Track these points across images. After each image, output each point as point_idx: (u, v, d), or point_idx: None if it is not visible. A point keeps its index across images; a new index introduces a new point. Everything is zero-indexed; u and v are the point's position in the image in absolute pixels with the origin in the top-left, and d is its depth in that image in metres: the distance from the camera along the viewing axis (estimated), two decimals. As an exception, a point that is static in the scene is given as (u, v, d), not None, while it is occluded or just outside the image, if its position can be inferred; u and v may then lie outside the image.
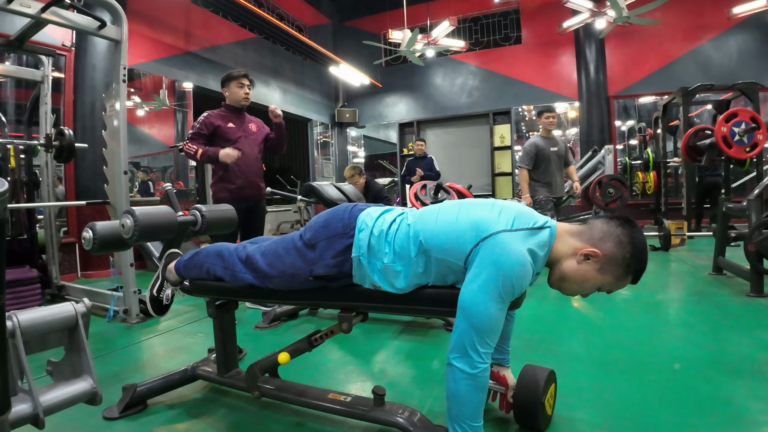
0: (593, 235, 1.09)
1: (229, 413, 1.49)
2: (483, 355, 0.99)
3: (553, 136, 3.93)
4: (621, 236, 1.06)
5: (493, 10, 8.18)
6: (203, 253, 1.44)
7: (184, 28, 5.89)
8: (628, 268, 1.06)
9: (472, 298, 0.99)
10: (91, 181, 4.21)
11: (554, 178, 3.89)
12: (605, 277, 1.08)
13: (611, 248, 1.06)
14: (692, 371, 1.68)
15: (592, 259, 1.07)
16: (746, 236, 2.72)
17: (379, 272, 1.13)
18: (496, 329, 1.01)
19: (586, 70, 7.26)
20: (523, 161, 3.87)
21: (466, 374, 0.98)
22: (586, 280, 1.09)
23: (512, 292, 1.00)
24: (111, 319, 2.65)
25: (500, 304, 0.99)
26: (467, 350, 0.99)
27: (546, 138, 3.89)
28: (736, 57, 6.83)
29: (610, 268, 1.07)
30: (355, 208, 1.24)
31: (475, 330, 0.98)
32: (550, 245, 1.08)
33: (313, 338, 1.30)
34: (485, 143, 8.28)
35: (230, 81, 2.85)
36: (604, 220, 1.11)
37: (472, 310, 0.99)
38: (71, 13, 2.50)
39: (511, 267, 0.99)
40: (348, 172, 4.80)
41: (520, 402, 1.28)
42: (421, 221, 1.13)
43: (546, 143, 3.85)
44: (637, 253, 1.05)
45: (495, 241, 1.01)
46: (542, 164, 3.84)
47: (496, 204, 1.13)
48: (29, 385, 0.97)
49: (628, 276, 1.08)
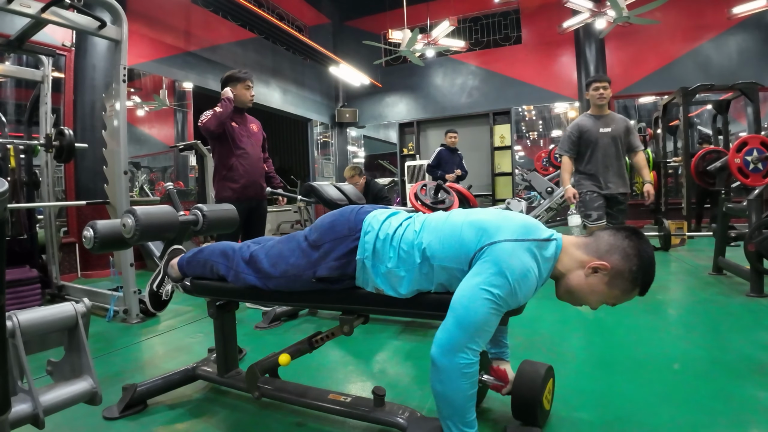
0: (600, 248, 1.08)
1: (230, 413, 1.49)
2: (469, 354, 0.96)
3: (607, 113, 3.08)
4: (628, 249, 1.05)
5: (493, 10, 8.18)
6: (207, 251, 1.43)
7: (184, 28, 5.89)
8: (635, 281, 1.06)
9: (465, 294, 0.98)
10: (91, 181, 4.21)
11: (602, 168, 3.03)
12: (613, 291, 1.07)
13: (618, 261, 1.05)
14: (692, 371, 1.68)
15: (601, 272, 1.06)
16: (746, 236, 2.72)
17: (382, 276, 1.12)
18: (485, 331, 0.98)
19: (586, 70, 7.25)
20: (562, 146, 3.16)
21: (446, 373, 0.96)
22: (594, 293, 1.08)
23: (510, 299, 0.98)
24: (111, 319, 2.65)
25: (494, 308, 0.97)
26: (452, 348, 0.96)
27: (596, 116, 3.07)
28: (736, 57, 6.83)
29: (617, 281, 1.06)
30: (361, 211, 1.23)
31: (462, 328, 0.96)
32: (556, 258, 1.08)
33: (314, 339, 1.30)
34: (485, 143, 8.28)
35: (236, 82, 2.85)
36: (610, 232, 1.10)
37: (463, 306, 0.97)
38: (71, 13, 2.49)
39: (513, 273, 0.97)
40: (348, 172, 4.80)
41: (518, 398, 1.27)
42: (427, 229, 1.12)
43: (594, 123, 3.04)
44: (644, 265, 1.05)
45: (499, 247, 1.00)
46: (587, 150, 3.06)
47: (502, 213, 1.12)
48: (29, 385, 0.97)
49: (635, 289, 1.07)
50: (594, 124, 3.04)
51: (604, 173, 3.02)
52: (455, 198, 3.99)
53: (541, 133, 8.04)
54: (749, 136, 2.95)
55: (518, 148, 8.14)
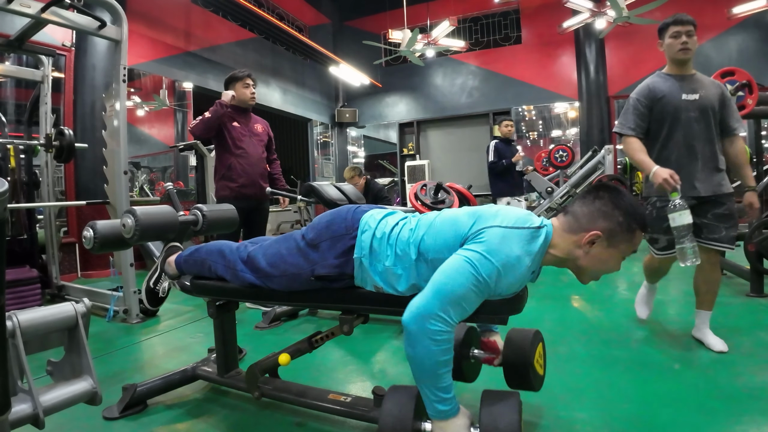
0: (581, 221, 1.07)
1: (230, 413, 1.49)
2: (440, 321, 0.94)
3: (692, 73, 2.01)
4: (604, 208, 1.06)
5: (493, 10, 8.18)
6: (205, 250, 1.43)
7: (184, 28, 5.89)
8: (630, 228, 1.05)
9: (449, 264, 0.98)
10: (91, 181, 4.22)
11: (686, 156, 1.95)
12: (619, 247, 1.07)
13: (604, 223, 1.05)
14: (692, 371, 1.68)
15: (597, 242, 1.06)
16: (746, 236, 2.72)
17: (380, 274, 1.13)
18: (460, 306, 0.96)
19: (586, 70, 7.26)
20: (624, 122, 2.06)
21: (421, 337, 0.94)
22: (605, 261, 1.08)
23: (492, 283, 0.97)
24: (111, 319, 2.65)
25: (475, 284, 0.96)
26: (424, 315, 0.94)
27: (675, 77, 2.00)
28: (736, 57, 6.83)
29: (616, 239, 1.06)
30: (358, 210, 1.24)
31: (438, 296, 0.95)
32: (547, 243, 1.08)
33: (314, 339, 1.30)
34: (485, 143, 8.27)
35: (235, 82, 2.85)
36: (580, 203, 1.09)
37: (444, 274, 0.97)
38: (71, 13, 2.50)
39: (500, 256, 0.97)
40: (348, 173, 4.80)
41: (509, 366, 1.26)
42: (423, 226, 1.13)
43: (674, 85, 1.97)
44: (627, 212, 1.05)
45: (492, 231, 1.01)
46: (663, 127, 1.99)
47: (497, 207, 1.13)
48: (29, 385, 0.97)
49: (636, 232, 1.07)
50: (674, 87, 1.96)
51: (690, 164, 1.94)
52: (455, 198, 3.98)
53: (541, 133, 8.05)
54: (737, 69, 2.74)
55: (519, 148, 8.13)
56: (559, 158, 5.48)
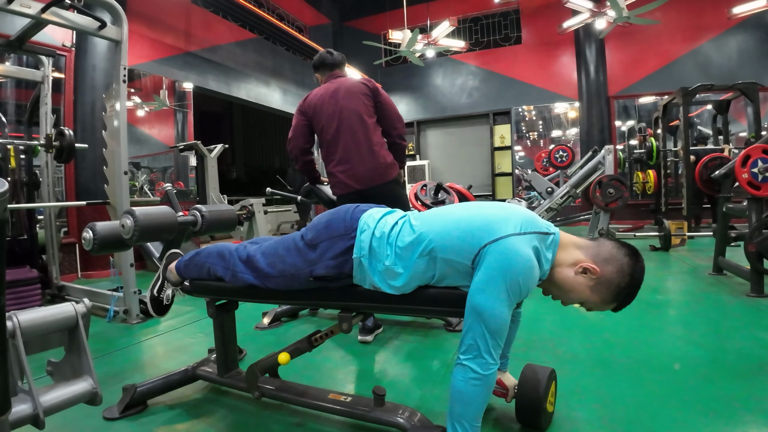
0: (599, 254, 1.10)
1: (230, 413, 1.49)
2: (495, 356, 1.01)
3: None
4: (625, 266, 1.08)
5: (493, 10, 8.18)
6: (204, 253, 1.44)
7: (184, 28, 5.89)
8: (617, 297, 1.09)
9: (487, 303, 1.01)
10: (91, 181, 4.21)
11: None
12: (593, 296, 1.10)
13: (611, 272, 1.08)
14: (692, 371, 1.68)
15: (589, 275, 1.08)
16: (746, 236, 2.72)
17: (379, 274, 1.13)
18: (505, 330, 1.03)
19: (586, 70, 7.26)
20: None
21: (478, 375, 1.00)
22: (573, 291, 1.11)
23: (519, 294, 1.02)
24: (111, 319, 2.65)
25: (510, 307, 1.02)
26: (481, 352, 1.00)
27: None
28: (736, 57, 6.84)
29: (602, 289, 1.09)
30: (357, 209, 1.24)
31: (490, 333, 1.00)
32: (554, 251, 1.10)
33: (314, 338, 1.30)
34: (485, 143, 8.29)
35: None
36: (614, 245, 1.12)
37: (487, 314, 1.00)
38: (71, 13, 2.50)
39: (520, 270, 1.01)
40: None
41: (522, 402, 1.28)
42: (427, 223, 1.13)
43: None
44: (632, 287, 1.08)
45: (506, 244, 1.02)
46: None
47: (504, 206, 1.14)
48: (29, 386, 0.97)
49: (614, 303, 1.10)
50: None
51: None
52: (455, 198, 3.99)
53: (541, 133, 8.05)
54: (750, 148, 2.92)
55: (518, 148, 8.14)
56: (559, 158, 5.49)
